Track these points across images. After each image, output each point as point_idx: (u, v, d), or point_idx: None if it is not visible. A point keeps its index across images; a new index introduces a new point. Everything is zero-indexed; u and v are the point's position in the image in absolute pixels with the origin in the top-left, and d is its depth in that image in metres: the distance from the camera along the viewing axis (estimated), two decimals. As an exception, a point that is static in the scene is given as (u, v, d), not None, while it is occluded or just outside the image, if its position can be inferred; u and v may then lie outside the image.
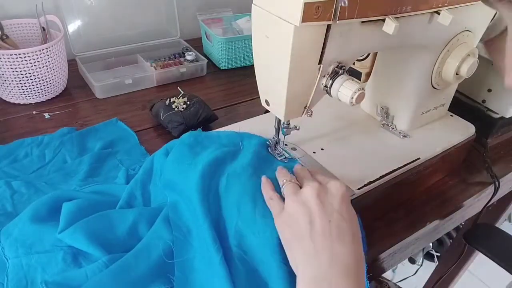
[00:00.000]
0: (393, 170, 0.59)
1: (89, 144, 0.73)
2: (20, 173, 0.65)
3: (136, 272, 0.47)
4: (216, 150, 0.56)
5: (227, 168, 0.54)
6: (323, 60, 0.47)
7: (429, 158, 0.64)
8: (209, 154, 0.55)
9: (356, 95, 0.48)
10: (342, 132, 0.67)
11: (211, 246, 0.47)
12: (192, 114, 0.76)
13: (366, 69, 0.72)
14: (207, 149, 0.57)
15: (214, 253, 0.47)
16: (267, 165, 0.56)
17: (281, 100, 0.50)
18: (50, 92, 0.86)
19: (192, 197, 0.51)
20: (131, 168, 0.66)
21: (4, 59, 0.77)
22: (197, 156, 0.55)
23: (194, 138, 0.59)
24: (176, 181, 0.55)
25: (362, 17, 0.45)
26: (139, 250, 0.49)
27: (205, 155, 0.55)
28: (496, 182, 0.72)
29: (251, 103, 0.90)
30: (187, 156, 0.56)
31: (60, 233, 0.50)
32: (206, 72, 1.01)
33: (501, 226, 1.24)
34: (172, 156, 0.57)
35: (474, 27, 0.62)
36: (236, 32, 1.07)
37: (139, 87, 0.92)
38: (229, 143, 0.59)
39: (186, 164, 0.55)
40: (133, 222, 0.52)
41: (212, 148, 0.57)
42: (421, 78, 0.63)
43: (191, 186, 0.52)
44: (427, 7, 0.51)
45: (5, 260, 0.49)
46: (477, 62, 0.62)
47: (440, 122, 0.72)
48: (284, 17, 0.42)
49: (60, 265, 0.49)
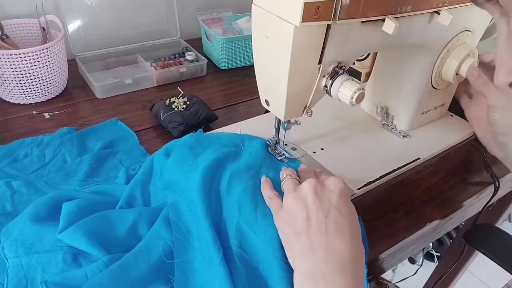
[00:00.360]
0: (393, 170, 0.59)
1: (89, 144, 0.73)
2: (20, 173, 0.65)
3: (136, 272, 0.47)
4: (217, 151, 0.56)
5: (228, 168, 0.54)
6: (323, 60, 0.47)
7: (429, 158, 0.64)
8: (211, 154, 0.55)
9: (356, 95, 0.48)
10: (342, 132, 0.67)
11: (211, 246, 0.48)
12: (192, 114, 0.76)
13: (366, 69, 0.72)
14: (208, 150, 0.57)
15: (215, 253, 0.47)
16: (268, 166, 0.56)
17: (281, 100, 0.50)
18: (50, 92, 0.86)
19: (193, 197, 0.51)
20: (131, 168, 0.66)
21: (4, 59, 0.77)
22: (198, 157, 0.56)
23: (195, 139, 0.59)
24: (177, 182, 0.55)
25: (362, 17, 0.45)
26: (139, 250, 0.49)
27: (207, 155, 0.55)
28: (496, 182, 0.72)
29: (251, 103, 0.90)
30: (188, 157, 0.56)
31: (60, 233, 0.50)
32: (206, 72, 1.01)
33: (501, 226, 1.24)
34: (173, 157, 0.57)
35: (474, 27, 0.62)
36: (236, 32, 1.07)
37: (139, 87, 0.92)
38: (230, 143, 0.59)
39: (188, 164, 0.55)
40: (133, 222, 0.52)
41: (213, 148, 0.57)
42: (421, 78, 0.63)
43: (192, 187, 0.52)
44: (427, 7, 0.51)
45: (5, 260, 0.49)
46: (477, 62, 0.62)
47: (440, 122, 0.72)
48: (284, 17, 0.42)
49: (60, 265, 0.49)
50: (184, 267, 0.49)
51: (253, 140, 0.60)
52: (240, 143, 0.59)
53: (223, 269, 0.46)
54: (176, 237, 0.51)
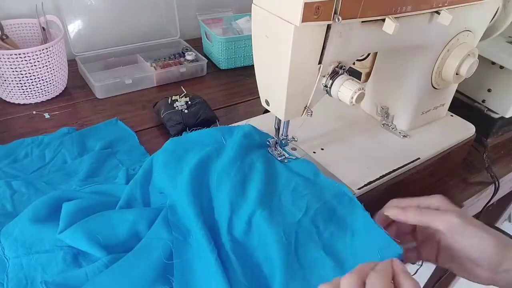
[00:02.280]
0: (393, 170, 0.59)
1: (89, 144, 0.73)
2: (20, 173, 0.65)
3: (136, 272, 0.47)
4: (199, 152, 0.56)
5: (214, 167, 0.55)
6: (323, 60, 0.47)
7: (429, 158, 0.64)
8: (194, 156, 0.56)
9: (356, 95, 0.48)
10: (342, 132, 0.67)
11: (205, 246, 0.48)
12: (192, 114, 0.76)
13: (366, 69, 0.72)
14: (190, 151, 0.57)
15: (209, 253, 0.47)
16: (252, 153, 0.57)
17: (281, 100, 0.50)
18: (50, 92, 0.86)
19: (182, 201, 0.52)
20: (131, 168, 0.66)
21: (4, 59, 0.77)
22: (181, 160, 0.56)
23: (174, 143, 0.59)
24: (166, 186, 0.55)
25: (362, 17, 0.45)
26: (139, 250, 0.49)
27: (190, 157, 0.56)
28: (496, 182, 0.72)
29: (251, 103, 0.90)
30: (171, 162, 0.56)
31: (60, 233, 0.50)
32: (206, 72, 1.01)
33: (501, 226, 1.24)
34: (157, 165, 0.57)
35: (474, 27, 0.62)
36: (236, 32, 1.07)
37: (139, 87, 0.92)
38: (211, 141, 0.59)
39: (172, 168, 0.55)
40: (133, 223, 0.52)
41: (195, 150, 0.57)
42: (421, 78, 0.63)
43: (181, 190, 0.52)
44: (427, 7, 0.51)
45: (5, 260, 0.49)
46: (477, 62, 0.62)
47: (440, 122, 0.72)
48: (284, 17, 0.42)
49: (60, 265, 0.49)
50: (183, 268, 0.49)
51: (233, 132, 0.60)
52: (221, 137, 0.59)
53: (218, 269, 0.46)
54: (175, 238, 0.51)
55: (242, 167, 0.54)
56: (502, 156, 0.81)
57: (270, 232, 0.48)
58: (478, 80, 0.77)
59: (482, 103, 0.79)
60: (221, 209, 0.52)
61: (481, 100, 0.79)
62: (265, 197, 0.52)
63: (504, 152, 0.82)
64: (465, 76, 0.63)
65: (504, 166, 0.78)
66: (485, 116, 0.78)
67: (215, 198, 0.53)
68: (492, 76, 0.76)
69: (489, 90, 0.77)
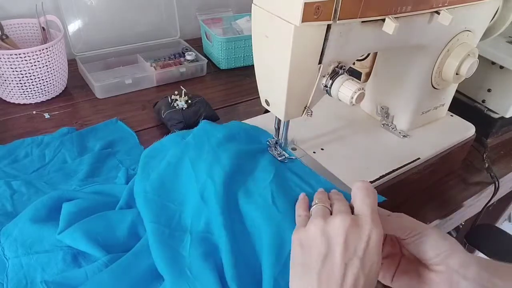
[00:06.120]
0: (393, 170, 0.59)
1: (89, 144, 0.73)
2: (20, 173, 0.65)
3: (136, 272, 0.47)
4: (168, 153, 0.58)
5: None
6: (323, 60, 0.47)
7: (429, 158, 0.64)
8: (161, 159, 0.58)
9: (356, 95, 0.48)
10: (342, 132, 0.67)
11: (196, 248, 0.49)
12: (193, 113, 0.76)
13: (366, 69, 0.72)
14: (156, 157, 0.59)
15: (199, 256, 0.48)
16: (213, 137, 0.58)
17: (281, 100, 0.50)
18: (50, 92, 0.86)
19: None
20: (131, 168, 0.66)
21: (4, 59, 0.77)
22: (153, 170, 0.57)
23: (146, 154, 0.61)
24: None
25: (362, 17, 0.45)
26: (138, 250, 0.49)
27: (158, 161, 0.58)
28: (496, 182, 0.72)
29: (251, 103, 0.90)
30: (146, 171, 0.57)
31: (60, 233, 0.50)
32: (206, 72, 1.01)
33: (501, 226, 1.24)
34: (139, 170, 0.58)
35: (474, 27, 0.62)
36: (236, 32, 1.07)
37: (139, 87, 0.92)
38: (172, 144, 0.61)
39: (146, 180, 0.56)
40: (132, 223, 0.52)
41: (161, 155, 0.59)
42: (421, 78, 0.63)
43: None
44: (427, 7, 0.51)
45: (5, 260, 0.49)
46: (477, 62, 0.62)
47: (440, 122, 0.72)
48: (284, 17, 0.42)
49: (60, 265, 0.49)
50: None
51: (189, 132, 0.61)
52: (180, 139, 0.61)
53: (211, 272, 0.46)
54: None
55: (210, 151, 0.56)
56: (502, 156, 0.81)
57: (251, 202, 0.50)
58: (478, 80, 0.77)
59: (482, 103, 0.79)
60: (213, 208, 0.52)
61: (481, 100, 0.79)
62: (238, 174, 0.54)
63: (504, 152, 0.82)
64: (465, 76, 0.63)
65: (504, 166, 0.78)
66: (485, 116, 0.78)
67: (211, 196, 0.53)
68: (492, 76, 0.76)
69: (489, 90, 0.77)
